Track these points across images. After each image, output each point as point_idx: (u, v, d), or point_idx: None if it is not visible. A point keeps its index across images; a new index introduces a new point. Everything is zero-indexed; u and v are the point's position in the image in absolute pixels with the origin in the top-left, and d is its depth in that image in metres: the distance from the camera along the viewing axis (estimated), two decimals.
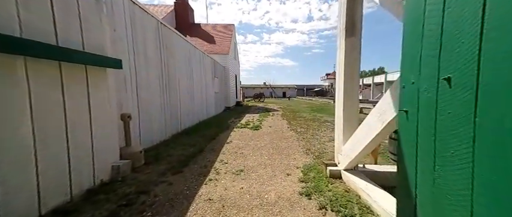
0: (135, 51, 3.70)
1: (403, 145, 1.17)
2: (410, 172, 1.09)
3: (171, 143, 4.37)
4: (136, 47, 3.74)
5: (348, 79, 2.52)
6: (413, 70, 1.05)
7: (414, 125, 1.04)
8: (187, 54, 6.20)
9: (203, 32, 14.52)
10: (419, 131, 1.01)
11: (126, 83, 3.47)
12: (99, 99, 2.51)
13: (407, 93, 1.11)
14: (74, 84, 2.19)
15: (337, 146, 2.80)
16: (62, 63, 2.06)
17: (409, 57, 1.09)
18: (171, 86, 5.02)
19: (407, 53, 1.12)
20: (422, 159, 1.00)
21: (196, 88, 6.95)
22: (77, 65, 2.23)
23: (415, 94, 1.04)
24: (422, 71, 0.99)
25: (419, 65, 1.01)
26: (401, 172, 1.17)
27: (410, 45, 1.09)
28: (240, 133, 5.60)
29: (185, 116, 5.85)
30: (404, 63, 1.15)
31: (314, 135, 5.43)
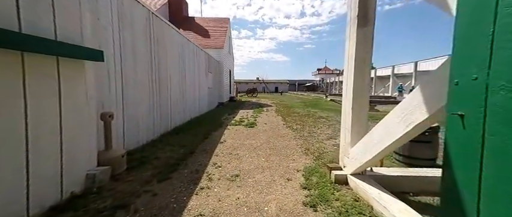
0: (122, 43, 3.26)
1: (454, 158, 0.90)
2: (467, 190, 0.83)
3: (159, 144, 4.00)
4: (124, 38, 3.31)
5: (359, 74, 2.24)
6: (477, 61, 0.77)
7: (476, 134, 0.77)
8: (181, 48, 5.74)
9: (197, 26, 13.87)
10: (488, 143, 0.74)
11: (111, 78, 3.05)
12: (73, 96, 2.11)
13: (464, 92, 0.83)
14: (40, 79, 1.79)
15: (343, 148, 2.55)
16: (26, 54, 1.67)
17: (468, 44, 0.81)
18: (162, 82, 4.60)
19: (463, 38, 0.84)
20: (491, 177, 0.73)
21: (189, 84, 6.52)
22: (46, 56, 1.83)
23: (479, 93, 0.76)
24: (495, 61, 0.71)
25: (489, 54, 0.73)
26: (451, 188, 0.91)
27: (471, 28, 0.80)
28: (234, 131, 5.28)
29: (176, 114, 5.45)
30: (457, 53, 0.87)
31: (311, 132, 5.20)
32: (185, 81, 6.12)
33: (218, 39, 12.46)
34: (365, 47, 2.22)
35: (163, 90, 4.72)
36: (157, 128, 4.42)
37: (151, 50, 4.13)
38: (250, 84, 47.46)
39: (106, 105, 2.94)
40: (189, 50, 6.49)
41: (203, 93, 8.43)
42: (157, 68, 4.36)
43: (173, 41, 5.27)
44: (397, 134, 1.55)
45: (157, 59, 4.36)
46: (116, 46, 3.14)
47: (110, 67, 3.02)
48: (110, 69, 3.03)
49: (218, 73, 11.67)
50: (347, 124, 2.41)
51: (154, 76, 4.25)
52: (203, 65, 8.39)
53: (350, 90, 2.33)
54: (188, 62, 6.44)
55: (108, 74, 3.00)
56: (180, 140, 4.27)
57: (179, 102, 5.67)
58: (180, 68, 5.73)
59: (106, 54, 2.88)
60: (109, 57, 2.99)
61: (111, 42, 3.04)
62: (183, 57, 5.94)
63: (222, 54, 11.99)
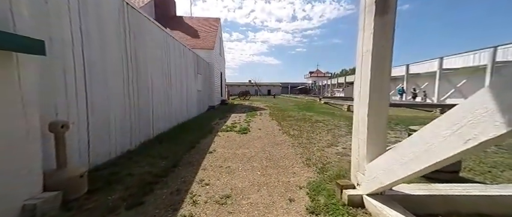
0: (85, 35, 2.70)
1: None
2: None
3: (137, 155, 3.41)
4: (87, 30, 2.74)
5: (377, 72, 1.83)
6: None
7: None
8: (164, 46, 5.18)
9: (186, 26, 13.28)
10: None
11: (68, 77, 2.47)
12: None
13: None
14: None
15: (355, 161, 2.12)
16: None
17: None
18: (141, 83, 4.02)
19: None
20: None
21: (176, 86, 5.95)
22: None
23: None
24: None
25: None
26: None
27: None
28: (225, 138, 4.76)
29: (159, 119, 4.86)
30: None
31: (310, 138, 4.79)
32: (170, 83, 5.55)
33: (208, 40, 11.93)
34: (384, 39, 1.82)
35: (144, 91, 4.15)
36: (136, 136, 3.82)
37: (126, 45, 3.57)
38: (242, 87, 46.97)
39: (61, 112, 2.36)
40: (174, 49, 5.94)
41: (192, 96, 7.86)
42: (134, 66, 3.79)
43: (155, 37, 4.72)
44: (446, 152, 1.13)
45: (134, 56, 3.79)
46: (76, 38, 2.57)
47: (67, 63, 2.45)
48: (67, 66, 2.46)
49: (208, 75, 11.12)
50: (361, 134, 1.99)
51: (131, 75, 3.68)
52: (191, 65, 7.84)
53: (365, 92, 1.91)
54: (174, 61, 5.88)
55: (64, 73, 2.42)
56: (163, 150, 3.70)
57: (163, 106, 5.09)
58: (164, 68, 5.17)
59: (61, 46, 2.32)
60: (65, 50, 2.42)
61: (69, 32, 2.48)
62: (167, 56, 5.38)
63: (212, 55, 11.46)
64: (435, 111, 11.49)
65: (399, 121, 7.36)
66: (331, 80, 43.36)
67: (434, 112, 11.36)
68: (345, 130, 5.79)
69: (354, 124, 2.15)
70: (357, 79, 2.07)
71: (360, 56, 2.02)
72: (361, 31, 1.95)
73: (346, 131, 5.62)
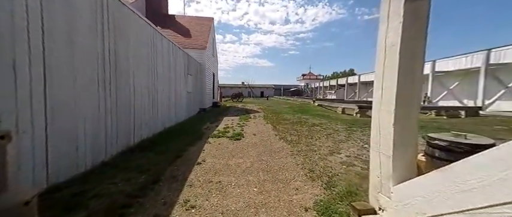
0: (47, 23, 2.19)
1: None
2: None
3: (111, 168, 2.89)
4: (51, 18, 2.24)
5: (406, 71, 1.47)
6: None
7: None
8: (150, 42, 4.67)
9: (178, 24, 12.70)
10: None
11: (19, 73, 1.96)
12: None
13: None
14: None
15: (376, 181, 1.74)
16: None
17: None
18: (121, 83, 3.51)
19: None
20: None
21: (162, 86, 5.43)
22: None
23: None
24: None
25: None
26: None
27: None
28: (216, 145, 4.30)
29: (143, 124, 4.33)
30: None
31: (309, 145, 4.42)
32: (156, 83, 5.03)
33: (200, 39, 11.42)
34: (416, 31, 1.47)
35: (124, 93, 3.63)
36: (113, 144, 3.29)
37: (104, 40, 3.06)
38: (235, 88, 46.46)
39: (6, 118, 1.84)
40: (162, 47, 5.43)
41: (181, 98, 7.33)
42: (113, 63, 3.28)
43: (140, 33, 4.21)
44: None
45: (114, 53, 3.28)
46: (33, 25, 2.07)
47: (19, 56, 1.94)
48: (20, 60, 1.95)
49: (200, 76, 10.60)
50: (384, 148, 1.61)
51: (108, 75, 3.16)
52: (181, 65, 7.32)
53: (390, 96, 1.54)
54: (162, 60, 5.37)
55: (14, 68, 1.91)
56: (144, 161, 3.20)
57: (147, 109, 4.56)
58: (149, 67, 4.65)
59: (9, 32, 1.82)
60: (17, 38, 1.92)
61: (23, 15, 1.97)
62: (154, 55, 4.87)
63: (204, 56, 10.96)
64: (430, 113, 11.56)
65: None
66: (323, 82, 43.76)
67: (429, 114, 11.43)
68: (344, 135, 5.48)
69: (373, 135, 1.78)
70: (378, 80, 1.70)
71: (381, 51, 1.65)
72: (385, 21, 1.59)
73: (346, 136, 5.31)
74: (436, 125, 7.38)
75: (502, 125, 7.44)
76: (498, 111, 11.37)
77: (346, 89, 32.17)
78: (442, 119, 9.68)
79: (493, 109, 12.48)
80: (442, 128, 6.60)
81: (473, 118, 9.77)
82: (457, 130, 2.06)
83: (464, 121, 8.71)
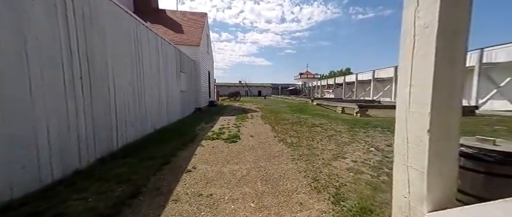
0: None
1: None
2: None
3: (84, 179, 2.49)
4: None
5: (444, 59, 1.12)
6: None
7: None
8: (132, 35, 4.26)
9: (169, 20, 12.20)
10: None
11: None
12: None
13: None
14: None
15: (402, 202, 1.39)
16: None
17: None
18: (96, 79, 3.10)
19: None
20: None
21: (151, 84, 5.02)
22: None
23: None
24: None
25: None
26: None
27: None
28: (210, 149, 3.92)
29: (128, 125, 3.93)
30: None
31: (311, 148, 4.08)
32: (143, 81, 4.62)
33: (194, 36, 10.97)
34: (458, 7, 1.11)
35: (101, 91, 3.22)
36: (89, 150, 2.89)
37: (69, 29, 2.64)
38: (232, 87, 45.96)
39: None
40: (149, 41, 5.02)
41: (174, 97, 6.92)
42: (85, 57, 2.87)
43: (119, 23, 3.79)
44: None
45: (85, 44, 2.87)
46: None
47: None
48: None
49: (194, 74, 10.17)
50: (414, 160, 1.26)
51: (77, 70, 2.75)
52: (173, 62, 6.91)
53: (424, 92, 1.19)
54: (149, 56, 4.96)
55: None
56: (126, 168, 2.81)
57: (133, 109, 4.15)
58: (133, 62, 4.24)
59: None
60: None
61: None
62: (139, 49, 4.45)
63: (198, 53, 10.53)
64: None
65: None
66: (321, 81, 43.59)
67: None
68: (347, 136, 5.16)
69: (398, 144, 1.42)
70: (403, 74, 1.35)
71: (408, 37, 1.29)
72: (411, 5, 1.23)
73: (349, 138, 4.99)
74: None
75: (501, 125, 7.22)
76: (491, 110, 11.34)
77: (344, 87, 32.01)
78: None
79: (486, 108, 12.41)
80: None
81: (470, 117, 9.56)
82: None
83: (463, 120, 8.50)
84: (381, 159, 3.47)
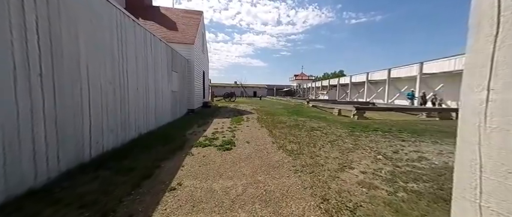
0: None
1: None
2: None
3: (36, 201, 1.98)
4: None
5: None
6: None
7: None
8: (116, 27, 3.75)
9: (162, 17, 11.62)
10: None
11: None
12: None
13: None
14: None
15: None
16: None
17: None
18: (63, 75, 2.58)
19: None
20: None
21: (136, 83, 4.51)
22: None
23: None
24: None
25: None
26: None
27: None
28: (200, 158, 3.45)
29: (105, 130, 3.41)
30: None
31: (313, 156, 3.68)
32: (126, 80, 4.10)
33: (188, 34, 10.44)
34: None
35: (70, 90, 2.70)
36: (48, 163, 2.37)
37: (25, 13, 2.13)
38: (228, 88, 45.40)
39: None
40: (136, 36, 4.50)
41: (164, 98, 6.39)
42: (48, 49, 2.35)
43: (95, 12, 3.27)
44: None
45: (48, 33, 2.35)
46: None
47: None
48: None
49: (187, 73, 9.63)
50: (495, 199, 0.85)
51: (37, 64, 2.24)
52: (164, 60, 6.38)
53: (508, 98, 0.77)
54: (134, 51, 4.44)
55: None
56: (94, 186, 2.30)
57: (112, 112, 3.63)
58: (115, 59, 3.73)
59: None
60: None
61: None
62: (121, 43, 3.93)
63: (192, 51, 10.00)
64: (421, 114, 11.29)
65: (401, 128, 6.61)
66: (315, 82, 43.63)
67: (420, 116, 11.15)
68: (349, 141, 4.79)
69: (459, 171, 1.01)
70: (472, 70, 0.93)
71: (487, 18, 0.88)
72: None
73: (352, 143, 4.62)
74: (439, 129, 6.88)
75: None
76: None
77: (338, 89, 32.03)
78: (436, 121, 9.28)
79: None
80: (448, 132, 6.08)
81: None
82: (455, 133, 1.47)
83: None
84: (392, 170, 3.09)
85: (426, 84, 16.70)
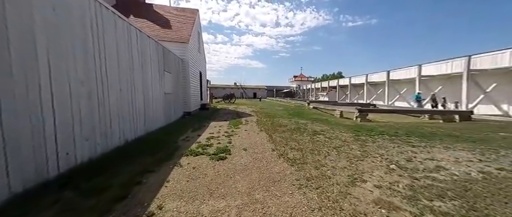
0: None
1: None
2: None
3: None
4: None
5: None
6: None
7: None
8: (87, 19, 3.32)
9: (155, 14, 11.17)
10: None
11: None
12: None
13: None
14: None
15: None
16: None
17: None
18: (7, 70, 2.14)
19: None
20: None
21: (119, 84, 4.07)
22: None
23: None
24: None
25: None
26: None
27: None
28: (189, 171, 3.00)
29: (77, 139, 2.96)
30: None
31: (318, 165, 3.25)
32: (105, 80, 3.65)
33: (183, 32, 10.00)
34: None
35: (23, 90, 2.26)
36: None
37: None
38: (227, 89, 44.90)
39: None
40: (117, 31, 4.07)
41: (155, 101, 5.95)
42: None
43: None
44: None
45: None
46: None
47: None
48: None
49: (182, 74, 9.19)
50: None
51: None
52: (154, 60, 5.95)
53: None
54: (116, 47, 4.01)
55: None
56: (48, 213, 1.86)
57: (87, 117, 3.18)
58: (89, 55, 3.29)
59: None
60: None
61: None
62: (97, 36, 3.49)
63: (187, 50, 9.56)
64: (423, 116, 10.93)
65: (407, 131, 6.18)
66: (315, 84, 43.26)
67: (423, 118, 10.78)
68: (356, 148, 4.36)
69: None
70: None
71: None
72: None
73: (360, 150, 4.19)
74: (447, 132, 6.47)
75: (505, 131, 6.64)
76: (480, 115, 11.32)
77: (338, 91, 31.70)
78: (440, 123, 8.85)
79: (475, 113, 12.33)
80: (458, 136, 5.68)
81: (469, 122, 9.07)
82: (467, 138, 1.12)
83: (465, 126, 7.92)
84: (411, 183, 2.67)
85: (425, 86, 16.43)
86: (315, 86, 41.66)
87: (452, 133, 6.01)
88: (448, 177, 2.83)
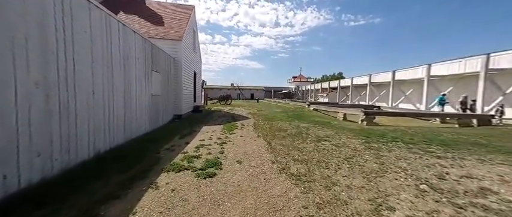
0: None
1: None
2: None
3: None
4: None
5: None
6: None
7: None
8: (50, 6, 2.66)
9: (147, 10, 10.50)
10: None
11: None
12: None
13: None
14: None
15: None
16: None
17: None
18: None
19: None
20: None
21: (91, 86, 3.42)
22: None
23: None
24: None
25: None
26: None
27: None
28: (166, 194, 2.34)
29: (22, 156, 2.30)
30: None
31: (329, 185, 2.62)
32: (71, 80, 2.97)
33: (176, 29, 9.33)
34: None
35: None
36: None
37: None
38: (224, 90, 44.21)
39: None
40: (92, 22, 3.40)
41: (139, 103, 5.28)
42: None
43: None
44: None
45: None
46: None
47: None
48: None
49: (174, 74, 8.52)
50: None
51: None
52: (140, 57, 5.28)
53: None
54: (90, 42, 3.34)
55: None
56: None
57: (40, 124, 2.51)
58: (50, 50, 2.62)
59: None
60: None
61: None
62: (65, 30, 2.84)
63: (180, 49, 8.90)
64: (434, 120, 10.31)
65: (423, 137, 5.56)
66: (315, 85, 42.76)
67: (433, 121, 10.16)
68: (370, 158, 3.74)
69: None
70: None
71: None
72: None
73: (376, 162, 3.57)
74: (471, 140, 5.88)
75: None
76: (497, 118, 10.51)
77: (339, 92, 31.15)
78: (455, 128, 8.24)
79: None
80: (486, 145, 5.09)
81: (489, 128, 8.41)
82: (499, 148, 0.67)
83: (489, 132, 7.30)
84: (455, 215, 2.04)
85: (433, 87, 15.82)
86: (315, 87, 41.15)
87: (478, 141, 5.38)
88: (503, 206, 2.20)
